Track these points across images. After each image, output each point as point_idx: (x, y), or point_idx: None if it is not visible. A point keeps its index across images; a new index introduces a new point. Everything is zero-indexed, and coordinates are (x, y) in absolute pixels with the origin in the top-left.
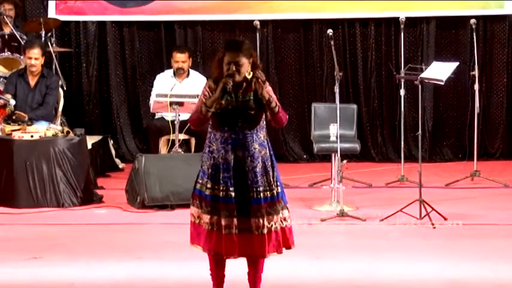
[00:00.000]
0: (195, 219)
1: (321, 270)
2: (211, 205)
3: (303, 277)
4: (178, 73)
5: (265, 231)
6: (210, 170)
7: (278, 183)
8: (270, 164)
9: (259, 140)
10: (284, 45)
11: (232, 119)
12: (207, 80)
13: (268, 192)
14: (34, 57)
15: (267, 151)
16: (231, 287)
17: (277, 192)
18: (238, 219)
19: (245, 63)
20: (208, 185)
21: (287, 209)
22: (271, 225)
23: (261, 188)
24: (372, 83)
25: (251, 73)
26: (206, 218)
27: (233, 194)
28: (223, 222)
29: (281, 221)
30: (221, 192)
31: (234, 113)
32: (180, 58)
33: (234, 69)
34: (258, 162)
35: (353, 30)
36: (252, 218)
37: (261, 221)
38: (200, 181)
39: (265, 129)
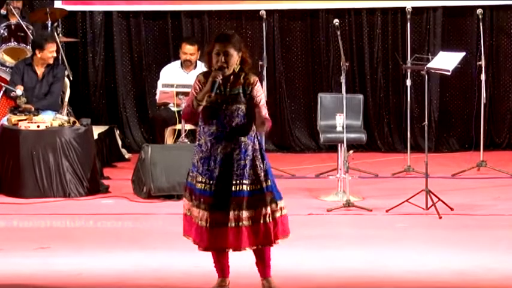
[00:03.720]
0: (186, 211)
1: (327, 260)
2: (199, 198)
3: (308, 267)
4: (186, 65)
5: (245, 223)
6: (198, 163)
7: (269, 177)
8: (259, 156)
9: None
10: (290, 35)
11: (221, 112)
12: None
13: (254, 186)
14: (55, 50)
15: (256, 144)
16: (237, 277)
17: (267, 186)
18: (211, 213)
19: (233, 54)
20: (198, 179)
21: (275, 202)
22: (254, 219)
23: (247, 181)
24: (379, 73)
25: (239, 67)
26: (195, 211)
27: (213, 187)
28: (199, 214)
29: (268, 215)
30: (202, 185)
31: (222, 106)
32: (189, 50)
33: (223, 60)
34: (246, 155)
35: (359, 20)
36: (231, 211)
37: (240, 213)
38: (191, 174)
39: None
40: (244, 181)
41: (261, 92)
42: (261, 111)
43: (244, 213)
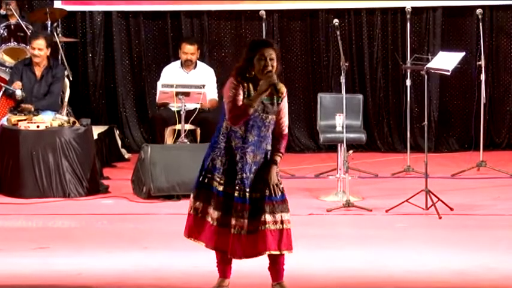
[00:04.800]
0: (196, 213)
1: (327, 260)
2: (223, 202)
3: (308, 267)
4: (186, 64)
5: (271, 227)
6: (225, 166)
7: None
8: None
9: (270, 141)
10: (290, 35)
11: (259, 120)
12: (230, 78)
13: (276, 192)
14: (38, 48)
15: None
16: (237, 277)
17: (284, 192)
18: (249, 220)
19: (275, 59)
20: (222, 181)
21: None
22: (278, 224)
23: (271, 187)
24: (378, 73)
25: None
26: (215, 214)
27: (248, 194)
28: (233, 222)
29: (289, 222)
30: (236, 192)
31: (262, 115)
32: (189, 50)
33: (269, 63)
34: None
35: (359, 20)
36: (261, 215)
37: (266, 217)
38: (209, 175)
39: None
40: (270, 187)
41: (286, 103)
42: (278, 173)
43: (269, 217)
